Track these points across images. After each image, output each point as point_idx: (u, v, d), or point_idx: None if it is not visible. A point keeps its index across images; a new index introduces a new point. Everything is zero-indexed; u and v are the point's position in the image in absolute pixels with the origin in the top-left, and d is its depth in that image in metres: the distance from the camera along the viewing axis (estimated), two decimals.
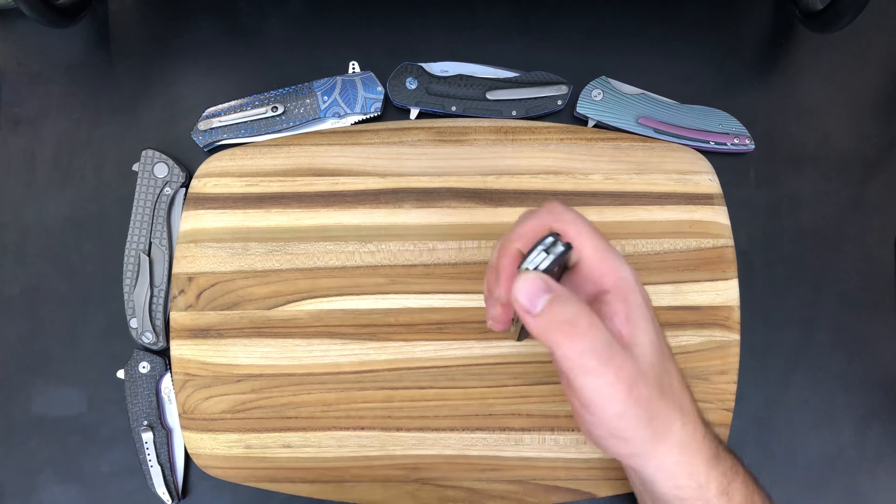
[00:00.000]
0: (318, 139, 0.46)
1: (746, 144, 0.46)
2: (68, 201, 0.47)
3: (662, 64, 0.48)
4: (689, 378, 0.42)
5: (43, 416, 0.45)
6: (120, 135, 0.48)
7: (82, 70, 0.49)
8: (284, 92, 0.47)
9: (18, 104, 0.48)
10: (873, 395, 0.45)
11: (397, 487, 0.42)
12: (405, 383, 0.43)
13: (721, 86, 0.48)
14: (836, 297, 0.46)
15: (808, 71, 0.48)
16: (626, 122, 0.46)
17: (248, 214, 0.45)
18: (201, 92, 0.48)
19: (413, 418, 0.43)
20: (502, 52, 0.48)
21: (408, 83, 0.47)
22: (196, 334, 0.44)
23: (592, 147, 0.45)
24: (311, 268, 0.44)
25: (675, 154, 0.45)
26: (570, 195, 0.44)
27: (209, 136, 0.46)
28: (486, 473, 0.42)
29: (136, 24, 0.50)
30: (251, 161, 0.45)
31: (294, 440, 0.43)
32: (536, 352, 0.43)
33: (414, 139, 0.45)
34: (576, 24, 0.49)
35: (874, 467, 0.44)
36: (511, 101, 0.46)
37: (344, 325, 0.43)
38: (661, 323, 0.43)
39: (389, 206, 0.45)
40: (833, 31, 0.44)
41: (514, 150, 0.45)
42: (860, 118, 0.48)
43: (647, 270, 0.43)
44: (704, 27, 0.49)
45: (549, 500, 0.42)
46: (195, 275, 0.44)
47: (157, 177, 0.45)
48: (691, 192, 0.44)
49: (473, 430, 0.43)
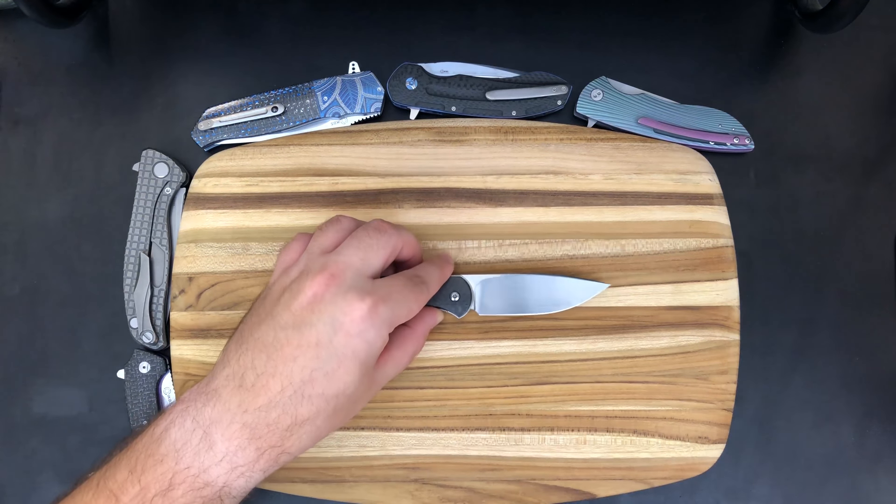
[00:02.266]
0: (318, 139, 0.46)
1: (746, 144, 0.46)
2: (68, 201, 0.47)
3: (662, 64, 0.48)
4: (690, 378, 0.43)
5: (43, 416, 0.45)
6: (120, 135, 0.48)
7: (82, 70, 0.49)
8: (284, 92, 0.47)
9: (18, 104, 0.48)
10: (873, 395, 0.45)
11: (397, 487, 0.42)
12: (404, 383, 0.43)
13: (721, 86, 0.48)
14: (836, 297, 0.46)
15: (808, 71, 0.48)
16: (625, 122, 0.46)
17: (249, 214, 0.45)
18: (201, 92, 0.48)
19: (413, 418, 0.43)
20: (502, 52, 0.48)
21: (408, 83, 0.47)
22: (196, 334, 0.44)
23: (592, 147, 0.45)
24: None
25: (675, 154, 0.45)
26: (569, 195, 0.45)
27: (209, 136, 0.46)
28: (486, 473, 0.42)
29: (136, 24, 0.50)
30: (251, 161, 0.45)
31: None
32: (536, 352, 0.43)
33: (414, 139, 0.45)
34: (576, 24, 0.49)
35: (874, 467, 0.44)
36: (511, 102, 0.46)
37: None
38: (660, 323, 0.43)
39: (389, 206, 0.45)
40: (833, 31, 0.44)
41: (514, 150, 0.45)
42: (860, 118, 0.48)
43: (646, 270, 0.44)
44: (704, 27, 0.49)
45: (548, 499, 0.42)
46: (195, 275, 0.44)
47: (158, 177, 0.45)
48: (691, 192, 0.44)
49: (473, 430, 0.43)
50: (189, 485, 0.32)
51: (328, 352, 0.33)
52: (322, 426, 0.34)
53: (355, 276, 0.35)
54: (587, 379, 0.43)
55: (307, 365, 0.33)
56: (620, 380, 0.43)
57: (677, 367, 0.43)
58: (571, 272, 0.44)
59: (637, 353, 0.43)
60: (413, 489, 0.42)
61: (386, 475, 0.42)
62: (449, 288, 0.42)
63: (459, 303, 0.42)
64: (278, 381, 0.33)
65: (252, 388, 0.33)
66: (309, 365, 0.33)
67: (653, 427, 0.42)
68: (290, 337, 0.33)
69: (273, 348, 0.33)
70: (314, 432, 0.34)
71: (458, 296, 0.42)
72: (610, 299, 0.43)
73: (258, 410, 0.32)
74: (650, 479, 0.42)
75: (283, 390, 0.33)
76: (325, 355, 0.33)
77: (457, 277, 0.43)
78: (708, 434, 0.42)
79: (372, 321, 0.34)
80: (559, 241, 0.44)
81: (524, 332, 0.43)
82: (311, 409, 0.33)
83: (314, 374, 0.33)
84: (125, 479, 0.32)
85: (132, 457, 0.32)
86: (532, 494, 0.42)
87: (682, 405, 0.42)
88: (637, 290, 0.43)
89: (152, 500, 0.31)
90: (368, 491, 0.42)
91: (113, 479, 0.32)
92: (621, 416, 0.42)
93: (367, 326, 0.34)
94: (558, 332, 0.43)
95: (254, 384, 0.33)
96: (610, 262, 0.44)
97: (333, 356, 0.33)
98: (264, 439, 0.33)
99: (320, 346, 0.33)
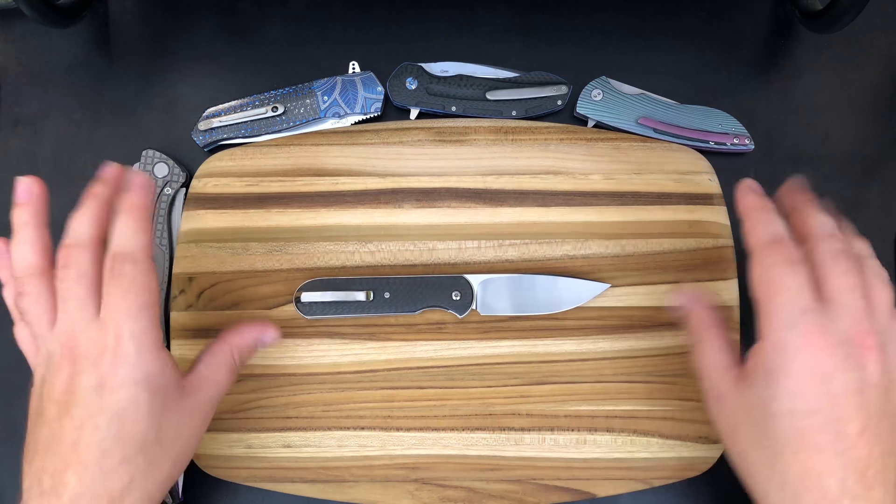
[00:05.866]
0: (318, 139, 0.46)
1: (746, 144, 0.46)
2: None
3: (662, 64, 0.48)
4: (690, 378, 0.43)
5: None
6: (120, 135, 0.48)
7: (82, 70, 0.49)
8: (284, 92, 0.47)
9: (18, 104, 0.48)
10: None
11: (397, 487, 0.42)
12: (405, 383, 0.43)
13: (721, 86, 0.48)
14: None
15: (808, 71, 0.48)
16: (625, 122, 0.46)
17: (249, 214, 0.45)
18: (201, 92, 0.48)
19: (413, 418, 0.43)
20: (502, 52, 0.48)
21: (408, 83, 0.47)
22: (196, 334, 0.44)
23: (592, 147, 0.45)
24: (311, 268, 0.44)
25: (675, 154, 0.45)
26: (569, 195, 0.45)
27: (209, 136, 0.46)
28: (486, 473, 0.42)
29: (136, 24, 0.50)
30: (251, 161, 0.45)
31: (294, 440, 0.43)
32: (537, 352, 0.43)
33: (414, 139, 0.45)
34: (576, 24, 0.49)
35: None
36: (511, 101, 0.46)
37: (344, 324, 0.43)
38: (661, 323, 0.43)
39: (389, 206, 0.45)
40: (833, 31, 0.44)
41: (514, 150, 0.45)
42: (860, 118, 0.48)
43: (646, 270, 0.44)
44: (704, 27, 0.49)
45: (548, 499, 0.42)
46: (195, 275, 0.44)
47: (158, 177, 0.46)
48: (691, 192, 0.45)
49: (473, 430, 0.43)
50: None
51: (104, 418, 0.31)
52: (149, 486, 0.32)
53: (84, 330, 0.32)
54: (587, 379, 0.43)
55: (91, 442, 0.31)
56: (621, 380, 0.43)
57: (677, 367, 0.43)
58: (572, 272, 0.44)
59: (637, 353, 0.43)
60: (413, 489, 0.42)
61: (386, 475, 0.42)
62: (451, 287, 0.42)
63: (461, 302, 0.42)
64: (71, 473, 0.31)
65: (52, 490, 0.31)
66: (92, 441, 0.31)
67: (653, 427, 0.42)
68: (64, 425, 0.31)
69: (54, 443, 0.31)
70: (144, 496, 0.32)
71: (459, 295, 0.42)
72: (610, 299, 0.43)
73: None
74: (650, 479, 0.42)
75: (80, 479, 0.30)
76: (104, 422, 0.31)
77: (459, 277, 0.43)
78: (708, 434, 0.42)
79: (124, 360, 0.31)
80: (559, 241, 0.44)
81: (524, 332, 0.43)
82: (121, 479, 0.31)
83: (103, 446, 0.31)
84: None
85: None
86: (532, 494, 0.42)
87: (682, 405, 0.42)
88: (637, 290, 0.43)
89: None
90: (368, 491, 0.42)
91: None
92: (621, 416, 0.42)
93: (125, 369, 0.31)
94: (558, 332, 0.43)
95: (52, 485, 0.31)
96: (610, 262, 0.44)
97: (113, 418, 0.31)
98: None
99: (94, 416, 0.31)
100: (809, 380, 0.30)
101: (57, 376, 0.32)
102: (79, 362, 0.32)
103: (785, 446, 0.31)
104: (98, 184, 0.36)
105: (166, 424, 0.33)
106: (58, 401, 0.32)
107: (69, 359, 0.32)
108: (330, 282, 0.43)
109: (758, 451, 0.32)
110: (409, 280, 0.43)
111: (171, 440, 0.33)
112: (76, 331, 0.32)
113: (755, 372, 0.32)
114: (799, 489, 0.30)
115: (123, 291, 0.32)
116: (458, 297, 0.42)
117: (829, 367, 0.30)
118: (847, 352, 0.30)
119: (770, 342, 0.31)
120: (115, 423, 0.31)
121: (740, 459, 0.34)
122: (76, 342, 0.32)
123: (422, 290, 0.43)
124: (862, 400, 0.30)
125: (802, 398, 0.30)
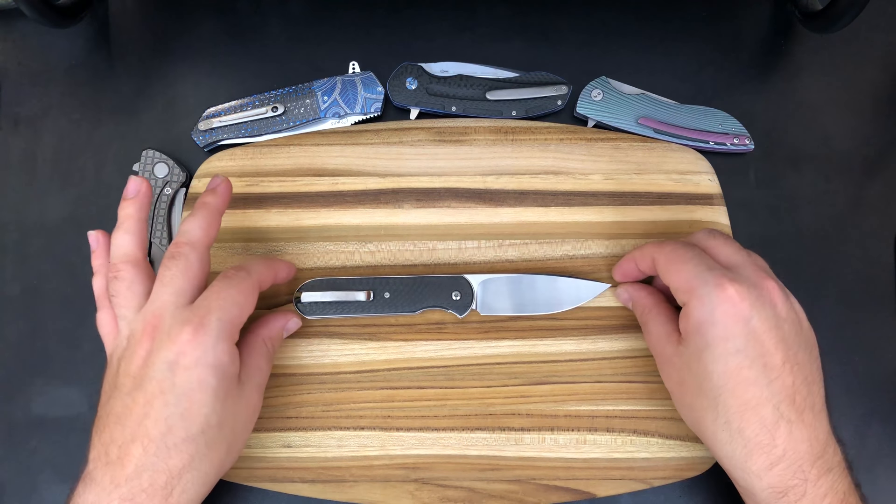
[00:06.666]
0: (318, 139, 0.46)
1: (746, 144, 0.46)
2: (68, 201, 0.47)
3: (662, 64, 0.48)
4: None
5: (43, 416, 0.45)
6: (120, 135, 0.48)
7: (82, 70, 0.49)
8: (284, 92, 0.47)
9: (18, 104, 0.48)
10: (873, 395, 0.45)
11: (397, 487, 0.42)
12: (405, 383, 0.43)
13: (721, 86, 0.48)
14: (836, 297, 0.46)
15: (808, 71, 0.48)
16: (625, 122, 0.46)
17: (248, 214, 0.45)
18: (201, 92, 0.48)
19: (413, 418, 0.43)
20: (502, 52, 0.48)
21: (408, 83, 0.47)
22: None
23: (592, 147, 0.45)
24: (311, 268, 0.44)
25: (675, 154, 0.45)
26: (569, 195, 0.45)
27: (209, 136, 0.46)
28: (486, 473, 0.42)
29: (136, 24, 0.50)
30: (251, 161, 0.45)
31: (294, 440, 0.43)
32: (536, 352, 0.43)
33: (414, 139, 0.45)
34: (576, 24, 0.49)
35: (874, 467, 0.44)
36: (511, 101, 0.46)
37: (344, 324, 0.43)
38: None
39: (389, 207, 0.45)
40: (833, 31, 0.44)
41: (514, 150, 0.45)
42: (860, 118, 0.48)
43: None
44: (704, 27, 0.49)
45: (548, 499, 0.42)
46: None
47: (158, 177, 0.46)
48: (691, 192, 0.45)
49: (473, 430, 0.43)
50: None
51: (174, 395, 0.33)
52: (205, 467, 0.34)
53: (173, 312, 0.34)
54: (587, 379, 0.43)
55: (159, 417, 0.32)
56: (620, 380, 0.43)
57: None
58: (572, 272, 0.44)
59: (637, 353, 0.43)
60: (413, 489, 0.42)
61: (386, 475, 0.42)
62: (451, 287, 0.42)
63: (461, 302, 0.42)
64: (138, 444, 0.32)
65: (118, 461, 0.32)
66: (160, 416, 0.32)
67: (653, 427, 0.42)
68: (136, 398, 0.33)
69: (125, 416, 0.33)
70: (200, 477, 0.34)
71: (459, 295, 0.42)
72: (610, 299, 0.43)
73: (129, 480, 0.32)
74: (650, 479, 0.42)
75: (145, 450, 0.32)
76: (173, 399, 0.33)
77: (459, 277, 0.43)
78: None
79: (202, 342, 0.33)
80: (559, 241, 0.44)
81: (524, 332, 0.43)
82: (182, 457, 0.33)
83: (169, 422, 0.32)
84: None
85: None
86: (532, 494, 0.42)
87: None
88: None
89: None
90: (368, 491, 0.42)
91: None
92: (621, 416, 0.42)
93: (200, 351, 0.33)
94: (558, 332, 0.43)
95: (118, 456, 0.32)
96: (610, 262, 0.44)
97: (181, 396, 0.33)
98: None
99: (165, 392, 0.33)
100: (733, 322, 0.34)
101: (137, 351, 0.34)
102: (158, 338, 0.34)
103: (722, 387, 0.34)
104: (209, 194, 0.39)
105: (226, 411, 0.34)
106: (134, 374, 0.34)
107: (150, 336, 0.34)
108: (330, 282, 0.43)
109: (701, 398, 0.35)
110: (409, 280, 0.43)
111: (229, 426, 0.35)
112: (165, 312, 0.34)
113: (687, 330, 0.36)
114: (741, 423, 0.34)
115: (227, 285, 0.36)
116: (458, 297, 0.42)
117: (745, 308, 0.34)
118: (757, 293, 0.34)
119: (692, 303, 0.35)
120: (183, 402, 0.33)
121: (689, 411, 0.37)
122: (161, 321, 0.34)
123: (422, 290, 0.43)
124: (780, 334, 0.34)
125: (731, 340, 0.34)
